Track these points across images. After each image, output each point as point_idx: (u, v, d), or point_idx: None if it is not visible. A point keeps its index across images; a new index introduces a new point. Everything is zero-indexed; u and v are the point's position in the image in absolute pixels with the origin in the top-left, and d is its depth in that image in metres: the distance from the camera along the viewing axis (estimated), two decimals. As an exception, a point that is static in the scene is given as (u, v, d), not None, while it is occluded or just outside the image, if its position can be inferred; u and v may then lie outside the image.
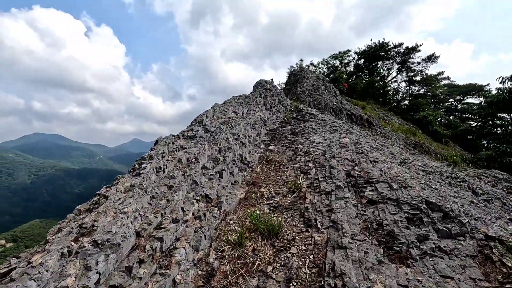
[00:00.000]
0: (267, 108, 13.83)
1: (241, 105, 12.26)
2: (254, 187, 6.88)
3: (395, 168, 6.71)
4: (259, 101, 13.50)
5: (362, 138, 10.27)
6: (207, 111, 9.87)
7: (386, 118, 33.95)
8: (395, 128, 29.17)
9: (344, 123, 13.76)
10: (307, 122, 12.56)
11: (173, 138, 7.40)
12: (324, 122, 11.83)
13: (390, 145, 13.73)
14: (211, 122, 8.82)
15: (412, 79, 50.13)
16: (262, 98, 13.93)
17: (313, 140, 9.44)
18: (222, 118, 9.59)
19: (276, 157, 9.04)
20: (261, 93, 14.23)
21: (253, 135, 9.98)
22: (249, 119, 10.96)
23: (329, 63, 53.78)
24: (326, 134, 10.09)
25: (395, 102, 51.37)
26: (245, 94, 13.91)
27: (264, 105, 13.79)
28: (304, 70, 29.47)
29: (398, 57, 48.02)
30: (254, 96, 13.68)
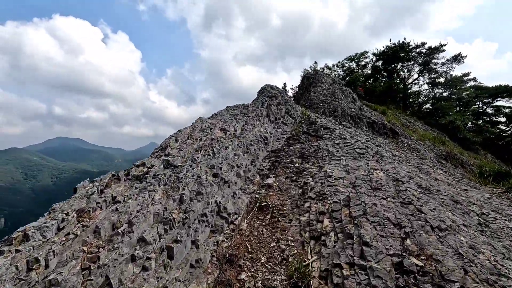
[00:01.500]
0: (271, 120, 10.89)
1: (236, 118, 9.41)
2: (230, 271, 3.97)
3: (481, 244, 3.65)
4: (260, 112, 10.60)
5: (400, 166, 7.17)
6: (182, 130, 7.03)
7: (410, 124, 30.26)
8: (420, 136, 25.60)
9: (370, 141, 10.56)
10: (321, 139, 9.55)
11: (106, 181, 4.61)
12: (344, 142, 8.76)
13: (430, 166, 10.46)
14: (180, 149, 5.98)
15: (435, 81, 45.87)
16: (265, 107, 11.01)
17: (329, 172, 6.42)
18: (200, 141, 6.71)
19: (276, 199, 6.09)
20: (264, 101, 11.31)
21: (246, 163, 7.07)
22: (243, 139, 8.08)
23: (344, 66, 50.23)
24: (348, 162, 7.05)
25: (416, 106, 47.20)
26: (244, 103, 11.07)
27: (267, 116, 10.87)
28: (318, 73, 26.30)
29: (420, 58, 44.08)
30: (255, 106, 10.78)
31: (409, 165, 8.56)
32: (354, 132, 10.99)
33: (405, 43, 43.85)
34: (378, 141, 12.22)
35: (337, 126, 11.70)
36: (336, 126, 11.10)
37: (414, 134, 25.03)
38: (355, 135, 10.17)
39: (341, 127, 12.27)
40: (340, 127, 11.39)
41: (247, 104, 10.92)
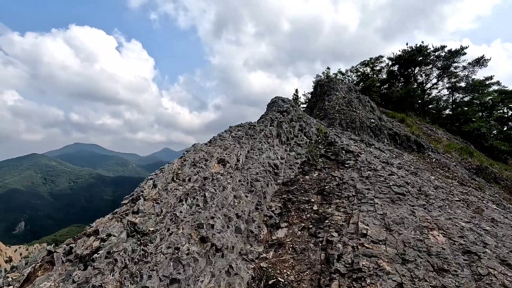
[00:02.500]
0: (282, 141, 9.13)
1: (240, 142, 7.70)
2: None
3: None
4: (269, 132, 8.86)
5: (456, 213, 5.25)
6: (166, 168, 5.33)
7: (431, 132, 27.86)
8: (445, 147, 23.26)
9: (403, 167, 8.57)
10: (343, 166, 7.70)
11: (29, 271, 2.94)
12: (375, 174, 6.83)
13: (477, 197, 8.38)
14: (156, 201, 4.27)
15: (455, 85, 43.02)
16: (275, 126, 9.27)
17: (362, 228, 4.59)
18: (188, 184, 5.00)
19: (289, 269, 4.30)
20: (274, 118, 9.57)
21: (249, 208, 5.31)
22: (247, 171, 6.35)
23: (358, 71, 48.00)
24: (386, 208, 5.19)
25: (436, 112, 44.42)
26: (249, 122, 9.36)
27: (277, 136, 9.12)
28: (333, 80, 24.33)
29: (439, 62, 41.50)
30: (263, 125, 9.04)
31: (456, 200, 6.59)
32: (383, 156, 9.03)
33: (423, 46, 41.50)
34: (413, 166, 10.21)
35: (361, 147, 9.79)
36: (361, 149, 9.18)
37: (438, 144, 22.78)
38: (386, 163, 8.22)
39: (365, 147, 10.33)
40: (365, 149, 9.47)
41: (253, 123, 9.19)
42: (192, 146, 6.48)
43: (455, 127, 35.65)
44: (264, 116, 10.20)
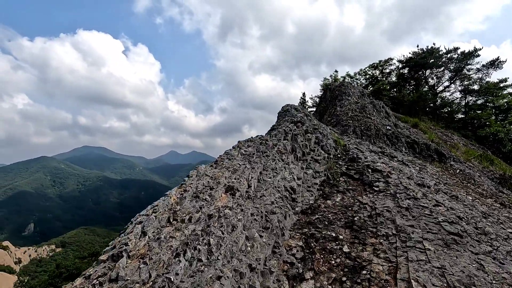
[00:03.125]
0: (298, 157, 7.94)
1: (250, 160, 6.52)
2: None
3: None
4: (283, 147, 7.68)
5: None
6: (161, 205, 4.15)
7: (447, 138, 26.37)
8: (463, 154, 21.85)
9: (450, 196, 7.25)
10: (372, 190, 6.44)
11: None
12: (415, 202, 5.49)
13: None
14: (144, 260, 3.15)
15: (468, 88, 41.34)
16: (289, 140, 8.08)
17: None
18: (188, 227, 3.82)
19: None
20: (288, 131, 8.36)
21: (265, 253, 4.13)
22: (261, 199, 5.18)
23: (367, 74, 46.54)
24: (442, 257, 3.95)
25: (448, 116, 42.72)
26: (260, 136, 8.19)
27: (292, 152, 7.94)
28: (344, 85, 23.02)
29: (452, 64, 39.95)
30: (276, 139, 7.85)
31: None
32: (416, 177, 7.71)
33: (435, 48, 40.04)
34: (443, 182, 8.88)
35: (389, 164, 8.50)
36: (389, 167, 7.88)
37: (456, 151, 21.36)
38: (422, 185, 6.88)
39: (389, 161, 9.06)
40: (394, 166, 8.15)
41: (265, 138, 7.99)
42: (194, 170, 5.33)
43: (470, 132, 34.09)
44: (276, 128, 9.00)
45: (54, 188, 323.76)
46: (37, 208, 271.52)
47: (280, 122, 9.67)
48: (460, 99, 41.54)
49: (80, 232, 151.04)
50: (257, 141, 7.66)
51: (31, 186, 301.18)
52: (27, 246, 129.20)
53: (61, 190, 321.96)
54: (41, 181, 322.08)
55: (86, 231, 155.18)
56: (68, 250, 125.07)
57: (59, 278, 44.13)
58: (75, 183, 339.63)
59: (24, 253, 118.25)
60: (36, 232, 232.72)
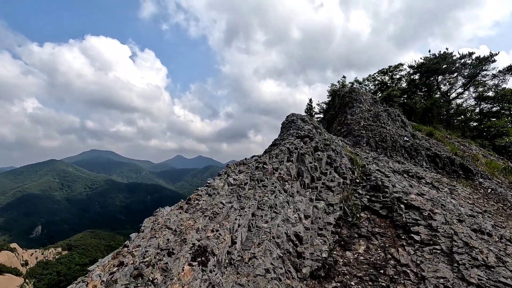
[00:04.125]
0: (305, 184, 6.00)
1: (240, 194, 4.60)
2: None
3: None
4: (286, 171, 5.75)
5: None
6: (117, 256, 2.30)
7: (465, 148, 23.98)
8: (485, 166, 19.54)
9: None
10: (409, 237, 4.52)
11: None
12: (490, 275, 3.61)
13: None
14: None
15: (483, 95, 38.92)
16: (294, 161, 6.14)
17: None
18: None
19: None
20: (293, 149, 6.39)
21: None
22: (250, 268, 3.29)
23: (376, 79, 44.37)
24: None
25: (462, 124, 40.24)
26: (257, 156, 6.28)
27: (298, 177, 6.01)
28: (355, 91, 20.97)
29: (466, 70, 37.72)
30: (277, 160, 5.89)
31: None
32: (475, 222, 5.63)
33: (448, 53, 37.85)
34: (487, 213, 6.81)
35: (418, 187, 6.50)
36: (426, 199, 5.84)
37: (477, 163, 19.10)
38: (480, 231, 4.85)
39: (425, 188, 7.04)
40: (431, 195, 6.12)
41: (263, 159, 6.01)
42: (152, 216, 3.43)
43: (486, 141, 31.66)
44: (278, 144, 7.05)
45: (62, 191, 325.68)
46: (45, 211, 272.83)
47: (283, 136, 7.76)
48: (474, 106, 39.21)
49: (86, 235, 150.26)
50: (252, 165, 5.74)
51: (39, 189, 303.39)
52: (34, 248, 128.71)
53: (69, 193, 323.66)
54: (50, 184, 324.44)
55: (92, 234, 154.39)
56: (74, 253, 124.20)
57: (57, 286, 42.34)
58: (82, 186, 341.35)
59: (31, 255, 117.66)
60: (44, 235, 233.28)
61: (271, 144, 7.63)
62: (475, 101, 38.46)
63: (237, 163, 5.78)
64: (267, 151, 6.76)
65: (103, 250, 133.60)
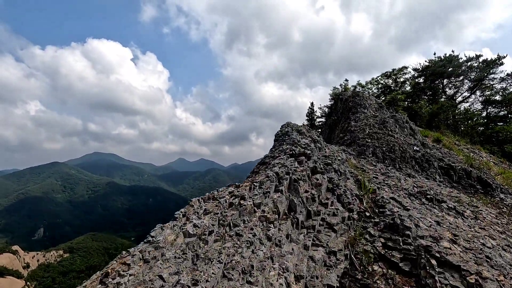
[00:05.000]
0: (298, 222, 4.40)
1: (198, 253, 3.08)
2: None
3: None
4: (273, 207, 4.17)
5: None
6: None
7: (475, 156, 22.17)
8: (499, 175, 17.75)
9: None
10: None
11: None
12: None
13: None
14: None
15: (490, 98, 37.22)
16: (284, 191, 4.55)
17: None
18: None
19: None
20: (284, 173, 4.78)
21: None
22: None
23: (379, 83, 42.68)
24: None
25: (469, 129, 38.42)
26: (235, 185, 4.70)
27: (289, 214, 4.43)
28: (359, 95, 19.35)
29: (473, 73, 36.10)
30: (260, 192, 4.29)
31: None
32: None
33: (454, 56, 36.28)
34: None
35: (449, 227, 4.90)
36: (463, 250, 4.27)
37: (489, 171, 17.34)
38: None
39: (450, 218, 5.43)
40: (465, 235, 4.56)
41: (240, 191, 4.35)
42: None
43: (495, 147, 29.85)
44: (267, 164, 5.41)
45: (65, 193, 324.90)
46: (47, 213, 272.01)
47: (274, 153, 6.18)
48: (481, 110, 37.51)
49: (88, 238, 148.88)
50: (225, 200, 4.13)
51: (42, 191, 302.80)
52: (36, 250, 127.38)
53: (71, 196, 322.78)
54: (52, 186, 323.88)
55: (94, 237, 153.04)
56: (76, 256, 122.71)
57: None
58: (85, 188, 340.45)
59: (32, 258, 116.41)
60: (46, 237, 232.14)
61: (259, 163, 6.05)
62: (482, 105, 36.81)
63: (205, 197, 4.21)
64: (250, 178, 5.16)
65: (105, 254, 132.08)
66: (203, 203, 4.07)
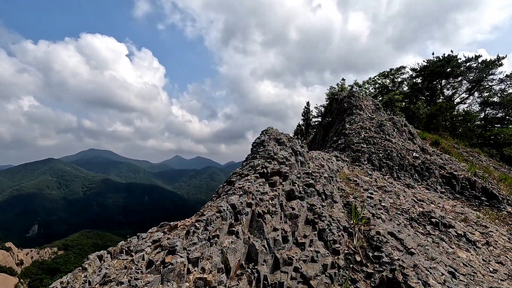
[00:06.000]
0: (258, 278, 3.05)
1: None
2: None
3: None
4: (223, 259, 2.80)
5: None
6: None
7: (475, 160, 20.99)
8: (501, 182, 16.47)
9: None
10: None
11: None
12: None
13: None
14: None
15: (488, 100, 36.25)
16: (242, 232, 3.10)
17: None
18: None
19: None
20: (242, 204, 3.34)
21: None
22: None
23: (377, 82, 41.43)
24: None
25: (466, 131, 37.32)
26: (163, 228, 3.23)
27: (245, 266, 3.06)
28: (355, 96, 17.94)
29: (471, 74, 35.04)
30: (203, 237, 2.86)
31: None
32: None
33: (453, 56, 35.13)
34: None
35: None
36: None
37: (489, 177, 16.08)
38: None
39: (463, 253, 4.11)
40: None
41: (171, 239, 2.91)
42: None
43: (494, 150, 28.74)
44: (227, 190, 3.91)
45: (60, 190, 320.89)
46: (42, 210, 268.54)
47: (243, 169, 4.74)
48: (478, 112, 36.48)
49: (83, 235, 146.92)
50: (142, 256, 2.65)
51: (37, 188, 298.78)
52: (30, 247, 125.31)
53: (66, 193, 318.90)
54: (47, 183, 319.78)
55: (89, 234, 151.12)
56: (70, 253, 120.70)
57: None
58: (80, 185, 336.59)
59: (26, 255, 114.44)
60: (40, 234, 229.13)
61: (226, 181, 4.59)
62: (480, 107, 35.78)
63: (116, 249, 2.80)
64: (200, 210, 3.67)
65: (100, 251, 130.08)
66: (107, 262, 2.67)
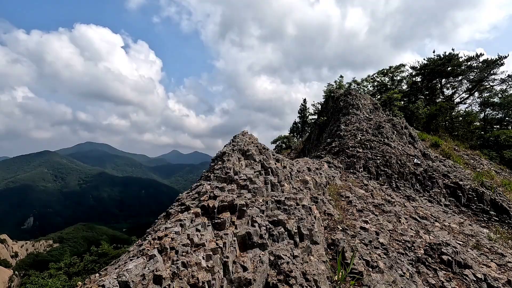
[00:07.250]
0: None
1: None
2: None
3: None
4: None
5: None
6: None
7: (475, 163, 19.90)
8: (500, 186, 15.39)
9: None
10: None
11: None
12: None
13: None
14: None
15: (488, 100, 35.24)
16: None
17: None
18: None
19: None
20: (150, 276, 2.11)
21: None
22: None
23: (375, 80, 40.17)
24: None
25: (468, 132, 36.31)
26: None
27: None
28: (352, 94, 16.63)
29: (472, 73, 33.92)
30: None
31: None
32: None
33: (454, 54, 33.90)
34: None
35: None
36: None
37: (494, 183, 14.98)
38: None
39: None
40: None
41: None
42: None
43: (494, 152, 27.69)
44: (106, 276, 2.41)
45: (56, 183, 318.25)
46: (37, 202, 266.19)
47: (187, 198, 3.43)
48: (478, 112, 35.45)
49: (79, 228, 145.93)
50: None
51: (32, 180, 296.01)
52: (25, 240, 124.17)
53: (62, 185, 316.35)
54: (43, 176, 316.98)
55: (84, 227, 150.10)
56: (65, 246, 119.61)
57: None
58: (76, 179, 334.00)
59: (21, 247, 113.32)
60: (36, 226, 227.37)
61: (164, 213, 3.39)
62: (479, 107, 34.75)
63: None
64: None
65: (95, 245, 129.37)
66: None
